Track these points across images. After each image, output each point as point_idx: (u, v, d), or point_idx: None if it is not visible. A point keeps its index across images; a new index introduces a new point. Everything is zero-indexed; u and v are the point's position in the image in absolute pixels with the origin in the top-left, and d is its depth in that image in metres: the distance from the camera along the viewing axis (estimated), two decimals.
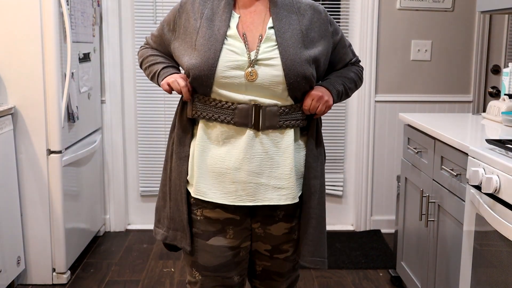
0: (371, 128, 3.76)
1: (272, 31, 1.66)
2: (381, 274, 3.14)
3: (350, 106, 3.82)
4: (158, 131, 3.75)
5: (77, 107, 3.05)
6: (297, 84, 1.62)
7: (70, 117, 2.98)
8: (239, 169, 1.63)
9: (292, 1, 1.74)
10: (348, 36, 3.73)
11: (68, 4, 2.89)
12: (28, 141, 2.82)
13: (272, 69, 1.61)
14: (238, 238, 1.71)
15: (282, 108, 1.64)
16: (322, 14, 1.75)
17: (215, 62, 1.60)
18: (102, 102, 3.67)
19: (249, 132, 1.63)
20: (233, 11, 1.69)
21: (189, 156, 1.70)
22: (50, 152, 2.85)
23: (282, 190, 1.66)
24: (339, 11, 3.73)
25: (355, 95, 3.65)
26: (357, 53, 3.74)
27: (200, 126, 1.68)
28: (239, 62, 1.61)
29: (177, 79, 1.66)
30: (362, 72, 1.89)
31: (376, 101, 3.75)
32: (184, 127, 1.72)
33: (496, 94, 3.71)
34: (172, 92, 1.70)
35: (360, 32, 3.70)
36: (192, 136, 1.72)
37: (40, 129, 2.81)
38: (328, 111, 1.75)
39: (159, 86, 1.73)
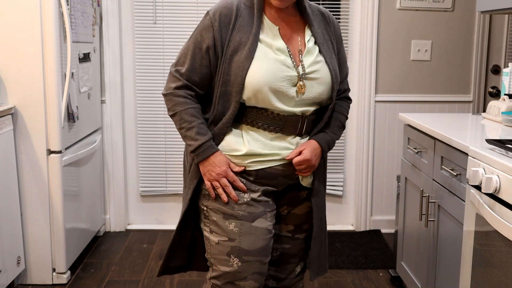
0: (371, 128, 3.76)
1: (309, 44, 1.74)
2: (381, 274, 3.14)
3: (350, 106, 3.81)
4: (158, 131, 3.75)
5: (77, 107, 3.05)
6: (335, 92, 1.78)
7: (70, 117, 2.98)
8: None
9: (317, 11, 1.81)
10: (348, 36, 3.73)
11: (68, 4, 2.89)
12: (28, 141, 2.82)
13: (316, 82, 1.72)
14: (272, 222, 1.79)
15: (317, 116, 1.81)
16: (337, 29, 1.86)
17: (243, 78, 1.66)
18: (102, 102, 3.67)
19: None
20: (271, 23, 1.72)
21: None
22: (50, 152, 2.85)
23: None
24: (339, 11, 3.73)
25: (355, 95, 3.66)
26: (357, 53, 3.78)
27: (245, 129, 1.75)
28: (291, 76, 1.69)
29: (221, 181, 1.72)
30: (349, 111, 1.99)
31: (376, 101, 3.75)
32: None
33: (496, 94, 3.71)
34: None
35: (360, 32, 3.70)
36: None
37: (40, 129, 2.81)
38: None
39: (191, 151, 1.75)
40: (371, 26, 3.65)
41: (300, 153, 1.74)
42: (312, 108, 1.76)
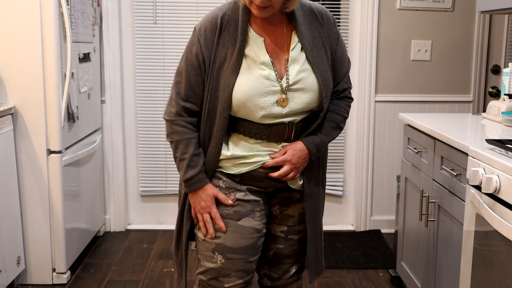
0: (371, 128, 3.76)
1: (294, 52, 1.70)
2: (381, 274, 3.14)
3: (350, 104, 3.81)
4: (158, 131, 3.75)
5: (77, 107, 3.05)
6: (327, 99, 1.74)
7: (70, 117, 2.98)
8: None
9: (309, 11, 1.75)
10: (348, 36, 3.73)
11: (68, 4, 2.89)
12: (28, 141, 2.82)
13: (301, 92, 1.70)
14: (262, 221, 1.80)
15: (306, 122, 1.77)
16: (332, 28, 1.79)
17: (230, 95, 1.66)
18: (102, 102, 3.68)
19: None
20: (256, 34, 1.70)
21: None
22: (50, 152, 2.85)
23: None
24: (339, 11, 3.73)
25: (355, 95, 3.66)
26: (357, 53, 3.78)
27: (232, 135, 1.75)
28: (274, 90, 1.67)
29: (205, 215, 1.75)
30: (348, 110, 1.94)
31: (376, 101, 3.75)
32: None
33: (496, 94, 3.71)
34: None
35: (360, 32, 3.70)
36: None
37: (40, 129, 2.81)
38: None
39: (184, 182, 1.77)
40: (371, 26, 3.65)
41: (284, 154, 1.73)
42: (300, 117, 1.74)
